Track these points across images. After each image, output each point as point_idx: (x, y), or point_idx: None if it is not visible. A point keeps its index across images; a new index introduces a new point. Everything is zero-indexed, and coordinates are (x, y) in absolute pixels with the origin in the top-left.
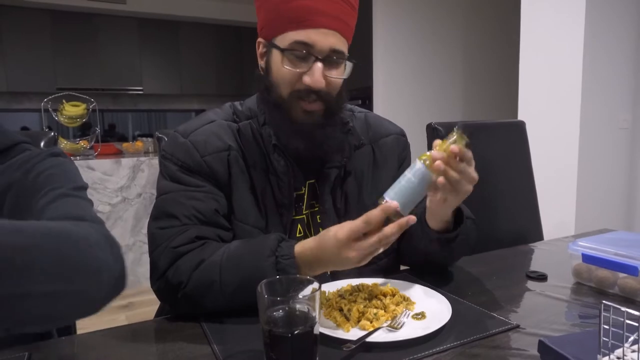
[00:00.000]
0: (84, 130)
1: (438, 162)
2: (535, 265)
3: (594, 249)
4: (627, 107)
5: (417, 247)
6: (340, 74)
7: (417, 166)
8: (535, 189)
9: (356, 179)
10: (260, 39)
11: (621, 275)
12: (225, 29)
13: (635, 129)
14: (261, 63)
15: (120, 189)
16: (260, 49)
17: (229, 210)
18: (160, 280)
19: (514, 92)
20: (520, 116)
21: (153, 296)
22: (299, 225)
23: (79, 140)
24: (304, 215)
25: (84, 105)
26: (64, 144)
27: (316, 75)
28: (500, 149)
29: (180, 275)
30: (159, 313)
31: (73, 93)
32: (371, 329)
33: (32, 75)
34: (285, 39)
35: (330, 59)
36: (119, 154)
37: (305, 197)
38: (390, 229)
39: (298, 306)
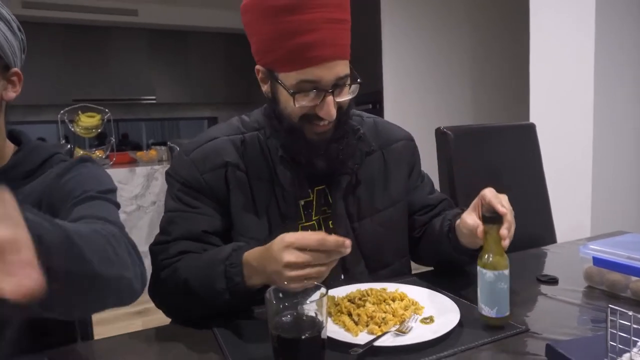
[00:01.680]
0: (99, 140)
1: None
2: (547, 269)
3: (605, 252)
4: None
5: (439, 251)
6: (348, 94)
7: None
8: (547, 192)
9: (367, 185)
10: (258, 67)
11: (633, 278)
12: (234, 37)
13: None
14: (264, 88)
15: (135, 197)
16: (260, 76)
17: (229, 224)
18: (151, 291)
19: (524, 95)
20: (532, 118)
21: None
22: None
23: (95, 150)
24: (314, 222)
25: (99, 116)
26: (80, 154)
27: (329, 109)
28: (511, 152)
29: (161, 286)
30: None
31: (88, 104)
32: (379, 333)
33: (47, 87)
34: (289, 78)
35: (337, 86)
36: (134, 162)
37: (314, 203)
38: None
39: (306, 311)
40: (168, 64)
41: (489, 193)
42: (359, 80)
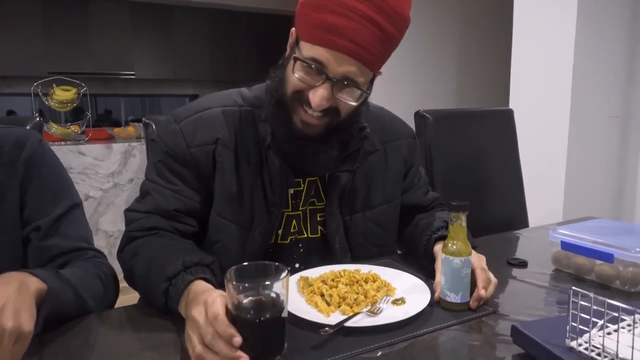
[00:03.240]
0: (76, 115)
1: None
2: (518, 253)
3: (573, 236)
4: (618, 96)
5: (413, 249)
6: (352, 99)
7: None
8: (522, 177)
9: (366, 180)
10: (293, 29)
11: (598, 262)
12: (220, 13)
13: (626, 117)
14: (287, 52)
15: (111, 174)
16: (291, 40)
17: (208, 202)
18: (120, 254)
19: (507, 80)
20: (512, 104)
21: None
22: (294, 221)
23: (70, 125)
24: (300, 212)
25: (74, 90)
26: (54, 129)
27: (318, 97)
28: (490, 136)
29: (123, 259)
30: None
31: (63, 77)
32: (351, 313)
33: (22, 58)
34: (304, 48)
35: (343, 83)
36: (111, 139)
37: (304, 193)
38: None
39: (267, 292)
40: (150, 38)
41: (477, 265)
42: (366, 93)
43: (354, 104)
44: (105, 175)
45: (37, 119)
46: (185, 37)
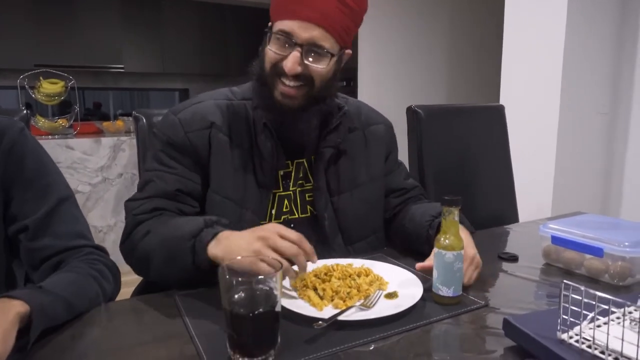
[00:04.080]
0: (63, 108)
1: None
2: (508, 247)
3: (563, 231)
4: (606, 93)
5: (411, 240)
6: (322, 65)
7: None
8: (512, 173)
9: (349, 160)
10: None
11: (587, 256)
12: (210, 7)
13: (614, 114)
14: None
15: (100, 168)
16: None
17: (206, 184)
18: (122, 246)
19: (497, 76)
20: (502, 100)
21: (132, 277)
22: (286, 201)
23: (58, 119)
24: (291, 192)
25: (62, 83)
26: (41, 122)
27: (290, 61)
28: (480, 132)
29: (132, 243)
30: (135, 293)
31: (51, 70)
32: (344, 307)
33: (8, 50)
34: (275, 27)
35: (310, 49)
36: (100, 133)
37: (293, 174)
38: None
39: (260, 286)
40: (139, 31)
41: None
42: (333, 55)
43: (323, 67)
44: (94, 170)
45: (24, 111)
46: (175, 30)
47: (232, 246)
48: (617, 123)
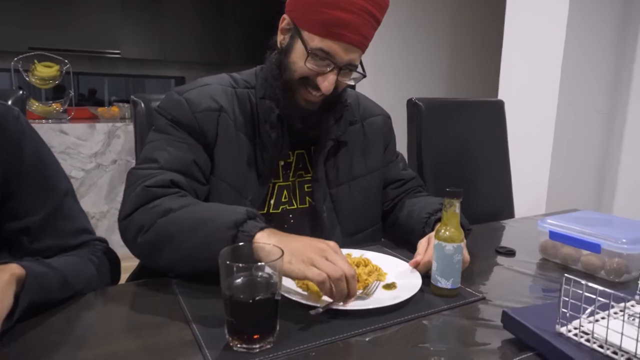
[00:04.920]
0: (57, 93)
1: None
2: (505, 242)
3: (561, 226)
4: (605, 92)
5: (407, 236)
6: (350, 80)
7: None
8: (509, 168)
9: (347, 152)
10: (285, 16)
11: (584, 252)
12: None
13: (611, 113)
14: (281, 38)
15: (94, 154)
16: (283, 25)
17: (209, 167)
18: (127, 219)
19: (496, 72)
20: (501, 95)
21: (128, 263)
22: (285, 191)
23: (52, 103)
24: (290, 182)
25: (57, 67)
26: (35, 106)
27: (329, 83)
28: (479, 127)
29: (145, 218)
30: (131, 278)
31: (46, 53)
32: None
33: (2, 32)
34: (312, 39)
35: (346, 68)
36: (94, 118)
37: (293, 165)
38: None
39: (260, 273)
40: (137, 17)
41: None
42: (364, 74)
43: (352, 83)
44: (88, 156)
45: (21, 92)
46: (174, 17)
47: (289, 243)
48: (614, 123)
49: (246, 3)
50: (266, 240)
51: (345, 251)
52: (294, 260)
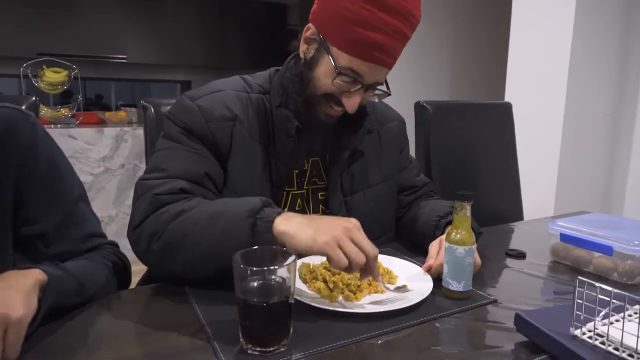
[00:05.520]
0: (64, 98)
1: None
2: (515, 244)
3: (572, 229)
4: (611, 94)
5: (417, 241)
6: (373, 97)
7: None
8: (518, 171)
9: (364, 161)
10: (311, 25)
11: (596, 254)
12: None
13: (617, 115)
14: (304, 48)
15: (102, 159)
16: (308, 34)
17: (222, 179)
18: (137, 229)
19: (502, 73)
20: (507, 98)
21: (138, 266)
22: (299, 199)
23: (60, 108)
24: (304, 191)
25: (65, 72)
26: (44, 111)
27: (354, 102)
28: (487, 130)
29: (157, 225)
30: (141, 282)
31: (54, 59)
32: (354, 300)
33: (10, 38)
34: (340, 56)
35: (373, 88)
36: (102, 123)
37: (308, 173)
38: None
39: (274, 277)
40: (141, 22)
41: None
42: (389, 92)
43: (376, 100)
44: (96, 160)
45: (34, 98)
46: (177, 22)
47: (312, 221)
48: (621, 124)
49: (249, 7)
50: (286, 223)
51: None
52: (319, 237)
